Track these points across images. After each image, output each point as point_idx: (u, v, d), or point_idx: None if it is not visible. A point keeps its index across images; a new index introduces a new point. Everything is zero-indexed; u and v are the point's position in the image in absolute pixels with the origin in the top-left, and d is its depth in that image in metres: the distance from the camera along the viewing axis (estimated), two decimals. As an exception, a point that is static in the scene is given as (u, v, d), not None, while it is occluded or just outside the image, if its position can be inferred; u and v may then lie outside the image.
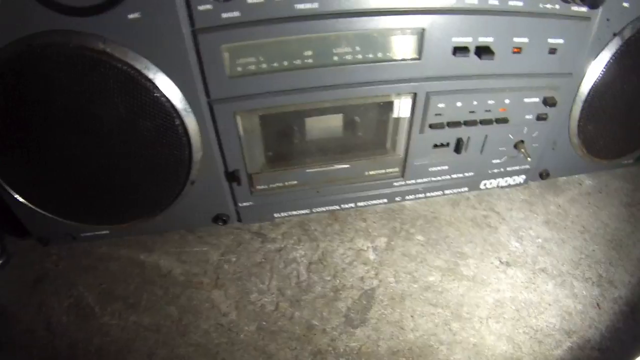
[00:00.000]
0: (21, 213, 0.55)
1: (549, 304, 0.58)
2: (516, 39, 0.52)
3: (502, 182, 0.64)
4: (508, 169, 0.63)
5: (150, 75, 0.47)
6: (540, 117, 0.59)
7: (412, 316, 0.56)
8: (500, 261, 0.60)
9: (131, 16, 0.43)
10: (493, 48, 0.51)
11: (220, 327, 0.55)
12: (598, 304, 0.58)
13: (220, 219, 0.58)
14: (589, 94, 0.59)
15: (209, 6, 0.44)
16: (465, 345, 0.55)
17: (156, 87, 0.47)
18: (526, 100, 0.57)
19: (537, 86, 0.57)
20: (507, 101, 0.57)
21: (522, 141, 0.60)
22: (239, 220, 0.60)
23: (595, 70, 0.57)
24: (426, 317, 0.56)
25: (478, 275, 0.59)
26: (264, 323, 0.55)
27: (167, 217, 0.57)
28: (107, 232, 0.58)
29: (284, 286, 0.57)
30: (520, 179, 0.65)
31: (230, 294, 0.57)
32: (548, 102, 0.57)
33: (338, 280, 0.58)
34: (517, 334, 0.56)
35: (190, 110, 0.50)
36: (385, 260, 0.59)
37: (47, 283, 0.59)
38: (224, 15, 0.44)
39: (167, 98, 0.48)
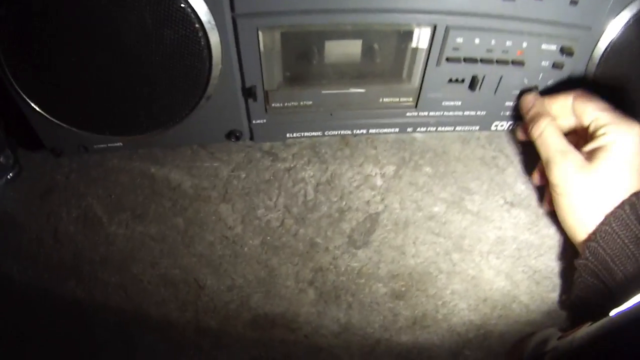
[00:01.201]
0: (36, 123, 0.55)
1: (550, 248, 0.59)
2: (539, -16, 0.52)
3: (513, 125, 0.64)
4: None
5: None
6: (556, 65, 0.59)
7: (414, 243, 0.57)
8: (505, 201, 0.61)
9: None
10: (516, -10, 0.51)
11: (225, 239, 0.56)
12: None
13: (233, 134, 0.59)
14: (606, 50, 0.58)
15: None
16: (464, 277, 0.56)
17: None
18: (544, 46, 0.57)
19: (556, 34, 0.56)
20: (524, 44, 0.56)
21: (536, 87, 0.60)
22: (252, 138, 0.60)
23: (614, 27, 0.57)
24: (428, 245, 0.57)
25: (482, 211, 0.60)
26: (268, 238, 0.56)
27: (181, 130, 0.57)
28: (120, 144, 0.58)
29: (291, 204, 0.58)
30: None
31: (237, 209, 0.58)
32: (565, 50, 0.57)
33: (344, 202, 0.59)
34: (515, 272, 0.57)
35: (214, 23, 0.50)
36: (392, 187, 0.60)
37: (56, 194, 0.60)
38: None
39: (192, 9, 0.48)
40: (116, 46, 0.49)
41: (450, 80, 0.59)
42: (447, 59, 0.56)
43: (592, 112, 0.56)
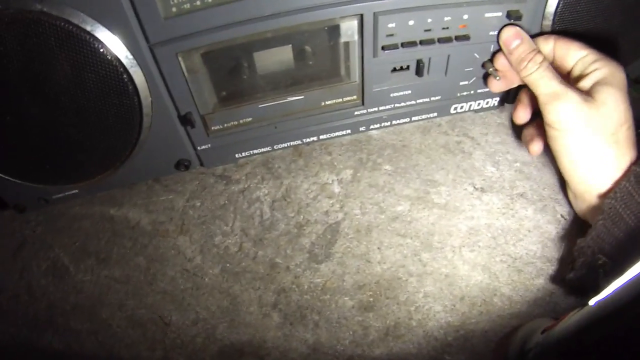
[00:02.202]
0: (-8, 182, 0.56)
1: (529, 230, 0.55)
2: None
3: (474, 105, 0.60)
4: (479, 91, 0.59)
5: (89, 28, 0.46)
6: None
7: (379, 248, 0.54)
8: (475, 187, 0.57)
9: (62, -27, 0.42)
10: (443, -42, 0.47)
11: (185, 272, 0.55)
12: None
13: (182, 164, 0.58)
14: (558, 5, 0.53)
15: None
16: (436, 277, 0.53)
17: (96, 39, 0.47)
18: (487, 15, 0.53)
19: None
20: (465, 17, 0.53)
21: (490, 60, 0.56)
22: (202, 164, 0.59)
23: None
24: (394, 249, 0.54)
25: (450, 202, 0.56)
26: (228, 265, 0.55)
27: (129, 168, 0.57)
28: (76, 191, 0.59)
29: (248, 226, 0.57)
30: (494, 101, 0.61)
31: (195, 239, 0.57)
32: (512, 15, 0.53)
33: (302, 216, 0.56)
34: (493, 262, 0.53)
35: (132, 57, 0.49)
36: (350, 193, 0.57)
37: (27, 249, 0.60)
38: None
39: (107, 48, 0.48)
40: (44, 98, 0.49)
41: (394, 70, 0.56)
42: (383, 48, 0.53)
43: (577, 51, 0.53)
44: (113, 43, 0.48)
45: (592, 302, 0.41)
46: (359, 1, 0.50)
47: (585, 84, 0.51)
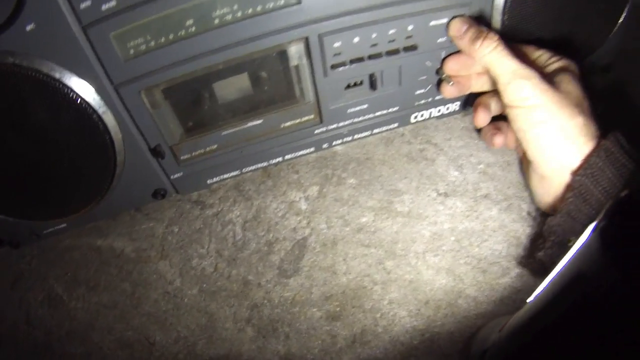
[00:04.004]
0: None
1: (494, 231, 0.56)
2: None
3: (434, 112, 0.61)
4: (437, 98, 0.60)
5: (57, 76, 0.50)
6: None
7: (344, 259, 0.56)
8: (438, 193, 0.58)
9: (28, 28, 0.47)
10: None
11: (167, 294, 0.59)
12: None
13: (158, 193, 0.61)
14: (505, 3, 0.54)
15: (88, 3, 0.47)
16: (400, 283, 0.54)
17: (65, 85, 0.51)
18: (433, 23, 0.54)
19: (443, 5, 0.54)
20: (410, 27, 0.54)
21: (442, 66, 0.57)
22: (177, 192, 0.62)
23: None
24: (359, 259, 0.56)
25: (413, 210, 0.58)
26: (205, 285, 0.58)
27: (111, 201, 0.60)
28: (65, 225, 0.63)
29: (222, 247, 0.59)
30: (455, 106, 0.62)
31: (174, 263, 0.60)
32: None
33: (271, 234, 0.59)
34: (457, 265, 0.55)
35: (99, 98, 0.53)
36: (317, 208, 0.60)
37: (23, 281, 0.64)
38: (104, 7, 0.47)
39: (76, 93, 0.52)
40: (27, 140, 0.53)
41: (348, 86, 0.58)
42: (333, 67, 0.55)
43: (533, 52, 0.55)
44: (81, 87, 0.51)
45: (529, 299, 0.42)
46: (302, 25, 0.52)
47: (548, 69, 0.52)
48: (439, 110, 0.61)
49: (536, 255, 0.50)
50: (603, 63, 0.61)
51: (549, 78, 0.51)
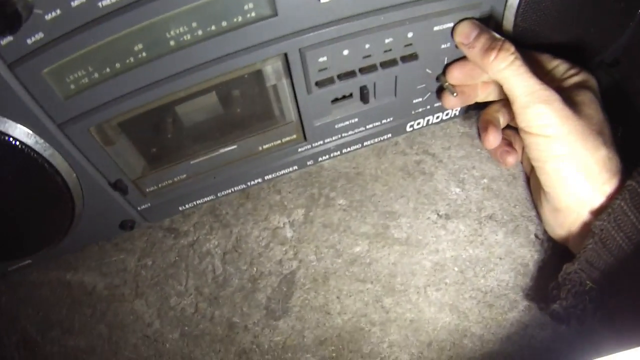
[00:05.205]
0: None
1: (500, 258, 0.51)
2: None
3: (432, 119, 0.54)
4: (436, 104, 0.52)
5: None
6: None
7: (338, 297, 0.51)
8: (438, 214, 0.52)
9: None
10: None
11: (146, 339, 0.54)
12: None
13: (126, 225, 0.55)
14: (520, 4, 0.46)
15: (10, 38, 0.38)
16: (401, 323, 0.50)
17: (1, 132, 0.43)
18: (437, 28, 0.46)
19: (449, 8, 0.45)
20: (410, 35, 0.46)
21: (443, 74, 0.49)
22: (147, 220, 0.56)
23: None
24: (354, 297, 0.51)
25: (412, 236, 0.52)
26: (186, 328, 0.53)
27: (74, 237, 0.54)
28: (30, 261, 0.57)
29: (201, 284, 0.54)
30: (455, 111, 0.54)
31: (151, 302, 0.55)
32: None
33: (255, 268, 0.53)
34: (462, 300, 0.50)
35: (42, 141, 0.45)
36: (304, 236, 0.54)
37: (-5, 322, 0.59)
38: (29, 41, 0.39)
39: (15, 138, 0.44)
40: None
41: (336, 99, 0.50)
42: (318, 84, 0.47)
43: (549, 62, 0.48)
44: (19, 132, 0.44)
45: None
46: (279, 40, 0.43)
47: (569, 83, 0.46)
48: (438, 117, 0.54)
49: (551, 307, 0.45)
50: (610, 59, 0.53)
51: (568, 97, 0.44)
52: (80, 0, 0.38)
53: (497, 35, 0.44)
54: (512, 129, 0.52)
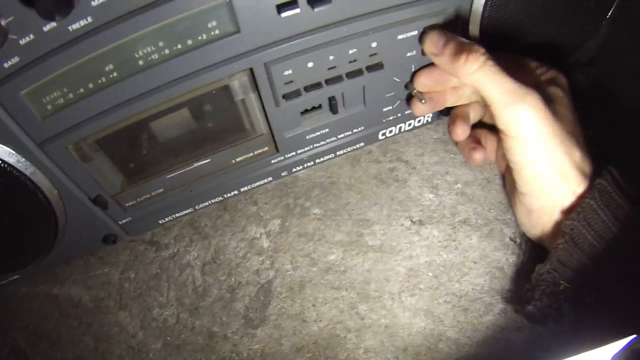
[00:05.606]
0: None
1: (474, 262, 0.51)
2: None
3: (404, 126, 0.55)
4: (406, 112, 0.53)
5: None
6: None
7: (313, 305, 0.52)
8: (412, 221, 0.53)
9: None
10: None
11: (131, 349, 0.55)
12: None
13: (109, 239, 0.56)
14: (485, 7, 0.46)
15: None
16: (376, 329, 0.50)
17: None
18: (401, 36, 0.47)
19: (411, 17, 0.46)
20: (374, 44, 0.47)
21: (411, 81, 0.50)
22: (128, 234, 0.57)
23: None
24: (329, 304, 0.52)
25: (386, 242, 0.53)
26: (169, 338, 0.54)
27: (59, 252, 0.56)
28: (17, 276, 0.59)
29: (182, 295, 0.55)
30: (427, 117, 0.55)
31: (134, 314, 0.56)
32: None
33: (233, 279, 0.54)
34: (436, 305, 0.50)
35: (24, 159, 0.47)
36: (280, 246, 0.55)
37: (-15, 334, 0.61)
38: (6, 64, 0.40)
39: None
40: None
41: (306, 111, 0.51)
42: (285, 97, 0.48)
43: (518, 59, 0.49)
44: (2, 152, 0.45)
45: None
46: (243, 56, 0.44)
47: (544, 78, 0.47)
48: (410, 124, 0.55)
49: (526, 309, 0.45)
50: (585, 59, 0.53)
51: (550, 88, 0.45)
52: (51, 25, 0.39)
53: (466, 40, 0.44)
54: (484, 127, 0.52)
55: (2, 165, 0.46)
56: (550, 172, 0.43)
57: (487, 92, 0.43)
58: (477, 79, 0.43)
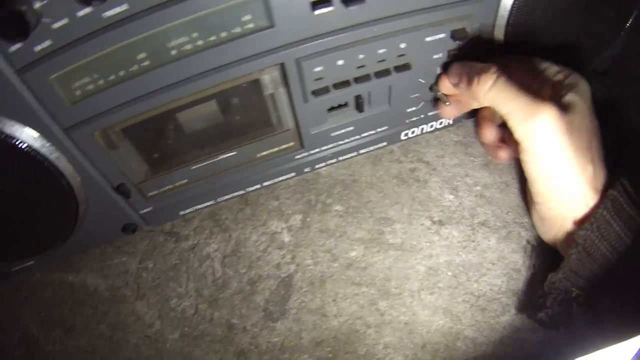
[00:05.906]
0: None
1: (492, 263, 0.52)
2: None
3: (426, 127, 0.55)
4: (429, 113, 0.54)
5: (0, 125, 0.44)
6: (452, 55, 0.49)
7: (334, 300, 0.53)
8: (432, 221, 0.54)
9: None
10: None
11: (147, 339, 0.55)
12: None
13: (128, 229, 0.56)
14: (511, 13, 0.47)
15: (18, 45, 0.39)
16: (395, 325, 0.51)
17: (9, 136, 0.45)
18: (428, 39, 0.47)
19: (440, 20, 0.47)
20: (403, 45, 0.47)
21: (436, 83, 0.51)
22: (148, 224, 0.57)
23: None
24: (350, 299, 0.52)
25: (406, 241, 0.53)
26: (186, 329, 0.54)
27: (77, 239, 0.55)
28: (32, 262, 0.58)
29: (201, 286, 0.55)
30: (449, 119, 0.55)
31: (152, 303, 0.56)
32: (457, 36, 0.48)
33: (254, 272, 0.55)
34: (455, 303, 0.51)
35: (49, 144, 0.47)
36: (301, 241, 0.55)
37: (-3, 321, 0.61)
38: (37, 48, 0.40)
39: (22, 141, 0.45)
40: None
41: (332, 108, 0.52)
42: (314, 93, 0.49)
43: (539, 64, 0.48)
44: (26, 135, 0.45)
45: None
46: (276, 50, 0.45)
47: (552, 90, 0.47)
48: (432, 126, 0.55)
49: (537, 317, 0.46)
50: (602, 68, 0.54)
51: (558, 100, 0.45)
52: (85, 11, 0.39)
53: (479, 64, 0.46)
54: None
55: (27, 149, 0.46)
56: (562, 186, 0.44)
57: (502, 110, 0.44)
58: (491, 98, 0.44)
